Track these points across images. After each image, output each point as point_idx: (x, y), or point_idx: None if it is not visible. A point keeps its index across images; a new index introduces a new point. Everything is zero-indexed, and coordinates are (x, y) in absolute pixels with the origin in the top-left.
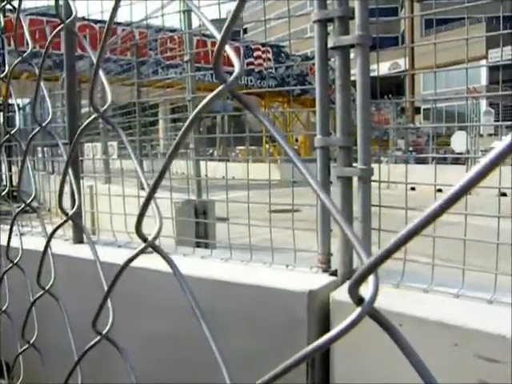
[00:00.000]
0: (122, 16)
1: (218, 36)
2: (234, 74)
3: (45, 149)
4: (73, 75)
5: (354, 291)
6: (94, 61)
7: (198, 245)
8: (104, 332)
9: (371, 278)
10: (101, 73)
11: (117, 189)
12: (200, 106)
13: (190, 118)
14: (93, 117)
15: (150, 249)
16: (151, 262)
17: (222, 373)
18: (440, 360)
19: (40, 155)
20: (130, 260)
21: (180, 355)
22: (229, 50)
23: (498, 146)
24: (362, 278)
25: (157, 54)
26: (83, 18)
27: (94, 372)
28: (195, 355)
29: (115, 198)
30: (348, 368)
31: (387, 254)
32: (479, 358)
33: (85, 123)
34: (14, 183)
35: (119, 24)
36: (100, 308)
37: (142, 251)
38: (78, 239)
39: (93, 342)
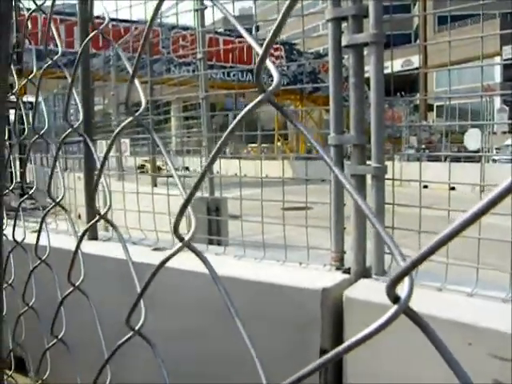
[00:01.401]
0: (136, 14)
1: (259, 50)
2: (274, 85)
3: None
4: (87, 74)
5: (391, 291)
6: (127, 65)
7: (210, 242)
8: (136, 328)
9: (406, 279)
10: (136, 80)
11: (130, 186)
12: (241, 114)
13: (231, 125)
14: (128, 120)
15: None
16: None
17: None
18: None
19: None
20: (166, 260)
21: (197, 352)
22: (269, 63)
23: None
24: (399, 279)
25: (169, 53)
26: (97, 17)
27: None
28: (213, 351)
29: (128, 195)
30: (361, 368)
31: (424, 257)
32: (493, 357)
33: (120, 126)
34: (27, 180)
35: (133, 22)
36: (134, 305)
37: (179, 251)
38: (93, 236)
39: (125, 338)
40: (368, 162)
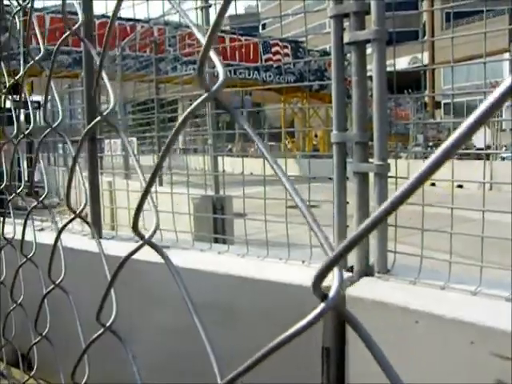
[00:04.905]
0: (141, 13)
1: (203, 40)
2: (218, 83)
3: (65, 145)
4: (91, 73)
5: (317, 287)
6: (97, 63)
7: (215, 240)
8: (108, 324)
9: (336, 273)
10: (104, 75)
11: (135, 184)
12: (185, 114)
13: (178, 123)
14: (95, 121)
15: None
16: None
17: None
18: (456, 358)
19: (60, 151)
20: (128, 256)
21: (186, 347)
22: (213, 57)
23: (450, 137)
24: (325, 272)
25: (175, 51)
26: (103, 16)
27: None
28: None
29: (134, 194)
30: (364, 368)
31: (350, 247)
32: (496, 356)
33: (87, 127)
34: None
35: (138, 21)
36: (102, 301)
37: (139, 248)
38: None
39: (96, 334)
40: (371, 160)
